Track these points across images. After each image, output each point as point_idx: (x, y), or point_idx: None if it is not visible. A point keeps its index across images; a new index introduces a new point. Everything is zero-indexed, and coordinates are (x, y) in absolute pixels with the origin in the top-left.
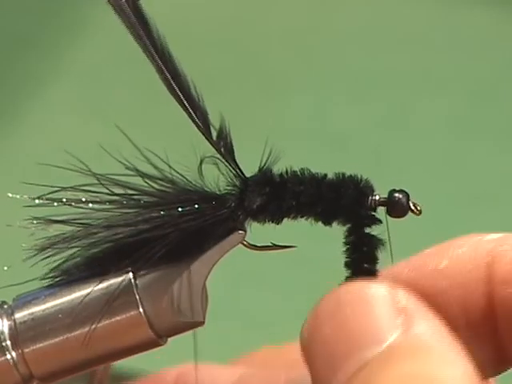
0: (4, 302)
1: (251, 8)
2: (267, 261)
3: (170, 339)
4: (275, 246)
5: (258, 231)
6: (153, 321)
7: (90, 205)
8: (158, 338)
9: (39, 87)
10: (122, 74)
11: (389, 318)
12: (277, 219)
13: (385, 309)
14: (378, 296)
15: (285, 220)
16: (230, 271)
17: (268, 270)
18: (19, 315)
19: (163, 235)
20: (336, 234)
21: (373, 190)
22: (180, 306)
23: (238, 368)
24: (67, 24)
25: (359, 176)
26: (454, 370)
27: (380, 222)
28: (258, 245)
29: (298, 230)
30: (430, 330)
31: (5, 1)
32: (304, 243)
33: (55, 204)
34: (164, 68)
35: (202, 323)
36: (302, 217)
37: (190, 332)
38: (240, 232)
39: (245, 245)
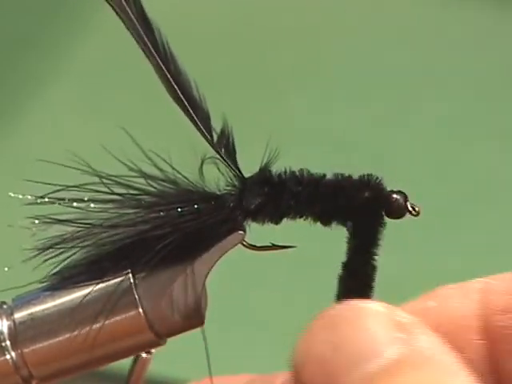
0: (3, 302)
1: (252, 8)
2: (267, 261)
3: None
4: (275, 246)
5: (258, 231)
6: (152, 321)
7: (91, 205)
8: (157, 338)
9: (39, 87)
10: (122, 73)
11: (389, 331)
12: (275, 219)
13: (384, 323)
14: (376, 312)
15: (284, 220)
16: (230, 271)
17: (267, 271)
18: (18, 315)
19: (163, 235)
20: (336, 233)
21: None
22: (179, 306)
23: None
24: (67, 24)
25: (359, 176)
26: (458, 380)
27: (383, 222)
28: (258, 245)
29: (298, 230)
30: (432, 343)
31: (5, 1)
32: (303, 243)
33: (56, 204)
34: (165, 68)
35: (201, 323)
36: (300, 217)
37: (189, 332)
38: (239, 232)
39: (244, 245)
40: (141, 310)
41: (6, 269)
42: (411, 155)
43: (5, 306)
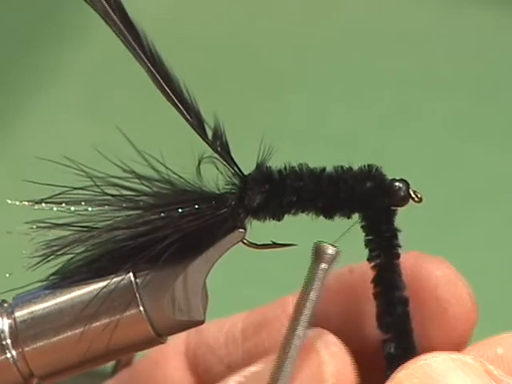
0: (4, 301)
1: (249, 7)
2: (267, 259)
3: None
4: (275, 245)
5: (258, 230)
6: (153, 319)
7: (90, 208)
8: (158, 337)
9: (39, 87)
10: (121, 74)
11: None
12: (277, 216)
13: (480, 376)
14: (470, 364)
15: (285, 217)
16: (230, 270)
17: (268, 269)
18: (19, 314)
19: (164, 236)
20: (336, 232)
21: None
22: (180, 304)
23: None
24: (67, 24)
25: (359, 167)
26: None
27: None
28: (258, 243)
29: (299, 228)
30: None
31: (5, 1)
32: (305, 241)
33: (54, 208)
34: (153, 70)
35: (201, 322)
36: (302, 212)
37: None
38: (240, 230)
39: (245, 243)
40: (141, 308)
41: (8, 275)
42: (411, 155)
43: (5, 305)
